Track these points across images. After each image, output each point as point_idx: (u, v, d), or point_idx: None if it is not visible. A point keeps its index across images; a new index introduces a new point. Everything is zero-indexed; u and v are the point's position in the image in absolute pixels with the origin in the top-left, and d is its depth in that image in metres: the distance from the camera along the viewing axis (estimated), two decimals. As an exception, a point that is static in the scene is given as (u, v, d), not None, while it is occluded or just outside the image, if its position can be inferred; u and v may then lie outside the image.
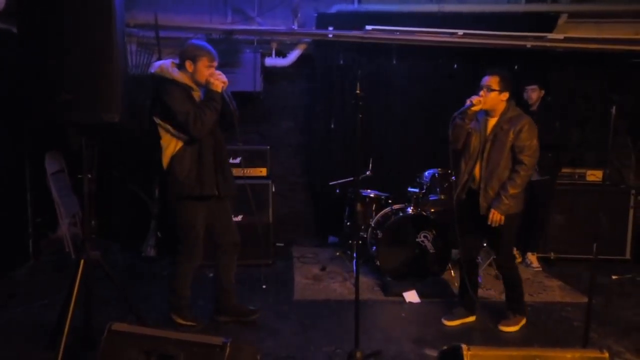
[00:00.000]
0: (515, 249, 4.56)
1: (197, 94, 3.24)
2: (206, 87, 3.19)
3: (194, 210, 3.30)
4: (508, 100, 3.46)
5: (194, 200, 3.26)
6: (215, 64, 3.23)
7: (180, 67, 3.21)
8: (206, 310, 3.71)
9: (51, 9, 2.61)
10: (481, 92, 3.44)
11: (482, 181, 3.46)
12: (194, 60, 3.17)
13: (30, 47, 2.64)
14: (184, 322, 3.44)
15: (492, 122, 3.48)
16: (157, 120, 3.18)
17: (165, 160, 3.22)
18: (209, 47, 3.25)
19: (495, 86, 3.41)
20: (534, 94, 4.84)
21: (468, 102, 3.42)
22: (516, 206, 3.43)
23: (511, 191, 3.36)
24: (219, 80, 3.17)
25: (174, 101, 3.09)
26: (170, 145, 3.20)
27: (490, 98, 3.42)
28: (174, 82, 3.15)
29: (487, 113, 3.50)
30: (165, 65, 3.20)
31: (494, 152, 3.43)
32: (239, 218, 4.82)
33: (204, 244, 4.76)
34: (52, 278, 4.42)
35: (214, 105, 3.15)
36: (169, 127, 3.16)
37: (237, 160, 4.91)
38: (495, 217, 3.39)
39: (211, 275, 4.60)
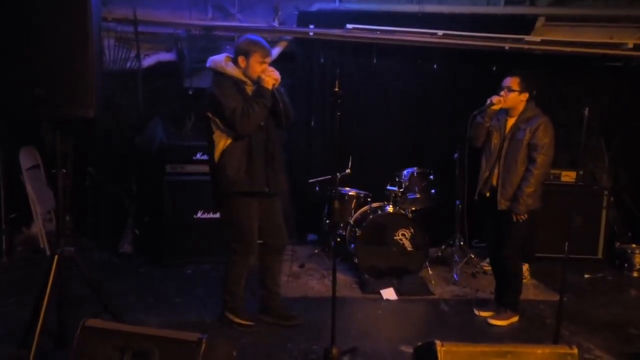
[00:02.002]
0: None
1: (251, 88, 3.20)
2: (257, 83, 3.15)
3: (247, 206, 3.25)
4: (528, 100, 3.59)
5: (246, 197, 3.22)
6: (269, 59, 3.20)
7: (234, 61, 3.19)
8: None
9: (25, 2, 2.56)
10: (502, 92, 3.59)
11: (500, 178, 3.61)
12: (247, 55, 3.14)
13: (3, 40, 2.59)
14: (241, 322, 3.39)
15: (511, 121, 3.64)
16: (210, 115, 3.15)
17: (217, 155, 3.18)
18: (264, 42, 3.21)
19: (516, 87, 3.56)
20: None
21: (488, 101, 3.58)
22: (534, 203, 3.54)
23: (527, 190, 3.48)
24: (271, 77, 3.13)
25: (223, 95, 3.08)
26: (221, 140, 3.17)
27: (510, 98, 3.57)
28: (225, 76, 3.15)
29: (507, 112, 3.66)
30: (218, 59, 3.20)
31: (510, 151, 3.58)
32: (218, 215, 4.79)
33: (181, 239, 4.71)
34: (25, 274, 4.34)
35: (262, 101, 3.10)
36: (219, 122, 3.14)
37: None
38: (518, 218, 3.53)
39: (188, 272, 4.61)
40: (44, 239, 4.86)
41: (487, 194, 3.69)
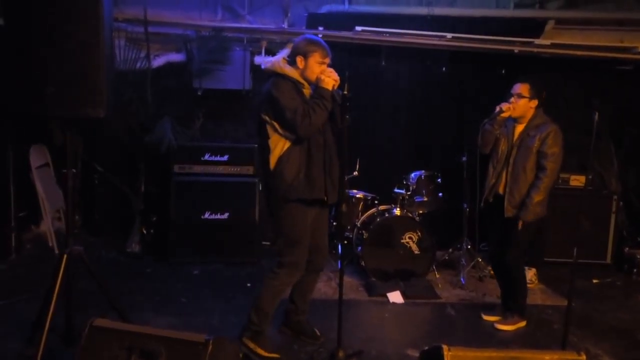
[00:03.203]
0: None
1: (308, 91, 3.03)
2: (316, 85, 2.99)
3: (303, 215, 3.03)
4: (537, 107, 3.56)
5: (303, 205, 3.01)
6: (328, 60, 3.03)
7: (292, 62, 3.03)
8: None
9: (38, 1, 2.58)
10: (512, 99, 3.56)
11: (508, 185, 3.58)
12: (305, 56, 2.99)
13: (16, 39, 2.61)
14: (264, 354, 3.03)
15: (520, 128, 3.61)
16: (266, 118, 2.98)
17: (273, 161, 2.99)
18: (323, 42, 3.07)
19: (526, 93, 3.53)
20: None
21: (497, 109, 3.55)
22: (542, 211, 3.53)
23: (536, 198, 3.45)
24: (331, 78, 2.95)
25: (283, 96, 2.91)
26: (279, 145, 2.98)
27: (520, 105, 3.54)
28: (284, 77, 2.99)
29: (515, 119, 3.62)
30: (276, 60, 3.07)
31: (519, 158, 3.55)
32: (225, 216, 4.82)
33: (188, 239, 4.66)
34: (33, 273, 4.37)
35: (324, 103, 2.92)
36: (277, 125, 2.96)
37: (225, 158, 4.91)
38: (524, 225, 3.50)
39: (195, 272, 4.63)
40: (52, 238, 4.89)
41: (490, 200, 3.68)
